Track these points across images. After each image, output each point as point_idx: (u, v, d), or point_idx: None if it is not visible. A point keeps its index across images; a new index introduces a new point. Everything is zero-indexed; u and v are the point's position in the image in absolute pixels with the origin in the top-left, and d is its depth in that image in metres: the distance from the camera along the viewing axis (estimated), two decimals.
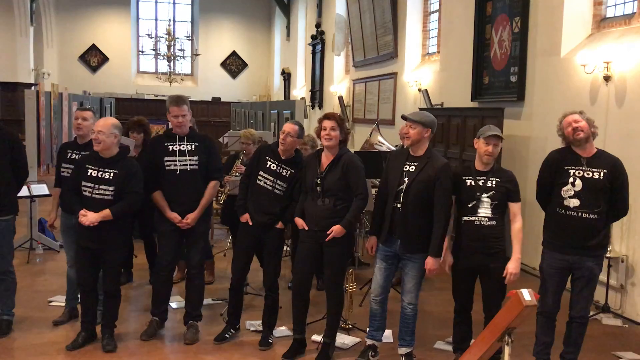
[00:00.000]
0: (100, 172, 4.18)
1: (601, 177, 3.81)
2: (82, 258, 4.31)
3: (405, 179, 3.97)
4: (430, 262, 3.95)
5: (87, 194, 4.18)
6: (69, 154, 4.68)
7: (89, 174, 4.19)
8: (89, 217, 4.11)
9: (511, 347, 3.04)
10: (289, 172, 4.35)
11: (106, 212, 4.12)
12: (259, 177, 4.36)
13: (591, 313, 5.21)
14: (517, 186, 3.96)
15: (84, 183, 4.19)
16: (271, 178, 4.35)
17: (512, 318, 2.93)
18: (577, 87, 6.04)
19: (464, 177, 3.98)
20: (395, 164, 4.09)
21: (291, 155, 4.40)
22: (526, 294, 2.92)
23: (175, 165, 4.42)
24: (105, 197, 4.16)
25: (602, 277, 5.48)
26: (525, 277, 5.94)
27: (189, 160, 4.43)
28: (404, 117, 4.08)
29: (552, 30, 6.40)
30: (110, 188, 4.16)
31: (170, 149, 4.43)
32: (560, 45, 6.29)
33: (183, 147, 4.44)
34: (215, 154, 4.62)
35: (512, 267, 3.83)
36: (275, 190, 4.35)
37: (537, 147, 6.50)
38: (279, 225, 4.38)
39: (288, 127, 4.37)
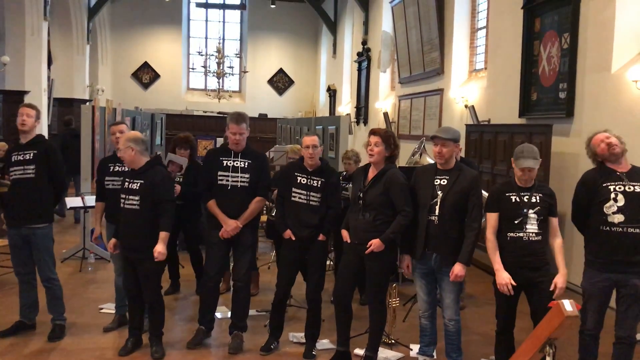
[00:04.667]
0: (130, 184, 4.36)
1: None
2: (126, 265, 4.48)
3: (439, 192, 3.98)
4: (458, 268, 3.94)
5: (121, 204, 4.35)
6: (111, 167, 4.88)
7: (124, 186, 4.39)
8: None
9: (552, 358, 3.00)
10: (319, 182, 4.46)
11: (163, 235, 4.30)
12: (293, 194, 4.47)
13: None
14: (556, 201, 3.96)
15: (121, 195, 4.37)
16: (304, 192, 4.45)
17: (554, 328, 2.91)
18: (629, 104, 5.91)
19: (507, 194, 3.93)
20: (424, 179, 4.10)
21: (317, 164, 4.49)
22: (567, 305, 2.90)
23: (227, 180, 4.54)
24: (133, 206, 4.31)
25: None
26: (569, 294, 5.79)
27: (241, 177, 4.54)
28: (433, 137, 4.07)
29: (603, 46, 6.30)
30: (136, 198, 4.31)
31: (225, 164, 4.56)
32: (611, 61, 6.18)
33: (237, 164, 4.55)
34: (266, 172, 4.74)
35: (560, 281, 3.78)
36: (311, 202, 4.44)
37: (587, 164, 6.28)
38: (321, 237, 4.46)
39: (311, 140, 4.45)
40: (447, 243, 3.97)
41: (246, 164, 4.57)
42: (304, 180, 4.46)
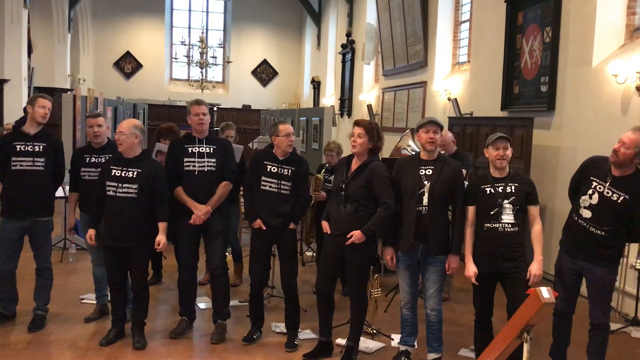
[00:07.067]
0: (124, 172, 4.31)
1: (619, 201, 3.76)
2: (110, 258, 4.43)
3: (426, 182, 4.00)
4: (453, 260, 4.01)
5: (111, 192, 4.31)
6: (87, 158, 4.84)
7: (112, 174, 4.32)
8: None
9: (530, 344, 3.08)
10: (290, 171, 4.47)
11: (163, 226, 4.38)
12: (263, 183, 4.46)
13: (620, 326, 5.17)
14: (535, 189, 3.95)
15: (107, 182, 4.32)
16: (275, 180, 4.45)
17: (531, 315, 2.98)
18: (609, 98, 5.99)
19: (482, 186, 3.97)
20: (408, 170, 4.10)
21: (288, 154, 4.50)
22: (545, 292, 2.96)
23: (194, 166, 4.54)
24: (129, 194, 4.29)
25: (632, 289, 5.42)
26: (546, 283, 5.87)
27: (207, 162, 4.55)
28: (433, 121, 4.10)
29: (584, 40, 6.37)
30: (134, 186, 4.29)
31: (190, 151, 4.56)
32: (592, 55, 6.25)
33: (202, 150, 4.56)
34: (231, 157, 4.75)
35: (535, 268, 3.82)
36: (282, 191, 4.45)
37: (567, 157, 6.45)
38: (291, 226, 4.49)
39: (289, 128, 4.47)
40: (435, 233, 4.00)
41: (211, 149, 4.59)
42: (274, 169, 4.45)
